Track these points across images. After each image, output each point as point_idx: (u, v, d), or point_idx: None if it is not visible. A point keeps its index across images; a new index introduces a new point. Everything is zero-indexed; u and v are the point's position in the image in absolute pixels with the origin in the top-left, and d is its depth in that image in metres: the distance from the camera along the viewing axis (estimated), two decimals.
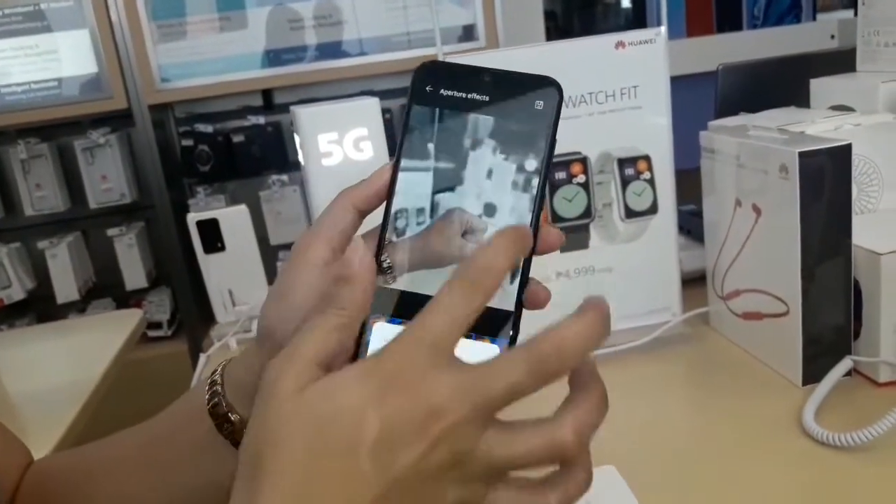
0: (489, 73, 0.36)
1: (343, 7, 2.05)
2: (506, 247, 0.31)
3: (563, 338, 0.30)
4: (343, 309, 0.32)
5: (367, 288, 0.33)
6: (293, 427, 0.30)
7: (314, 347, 0.31)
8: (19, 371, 1.07)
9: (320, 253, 0.37)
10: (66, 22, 1.97)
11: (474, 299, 0.31)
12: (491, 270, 0.31)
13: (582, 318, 0.31)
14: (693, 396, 0.74)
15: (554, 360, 0.30)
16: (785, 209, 0.66)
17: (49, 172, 2.11)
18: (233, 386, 0.41)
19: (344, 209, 0.38)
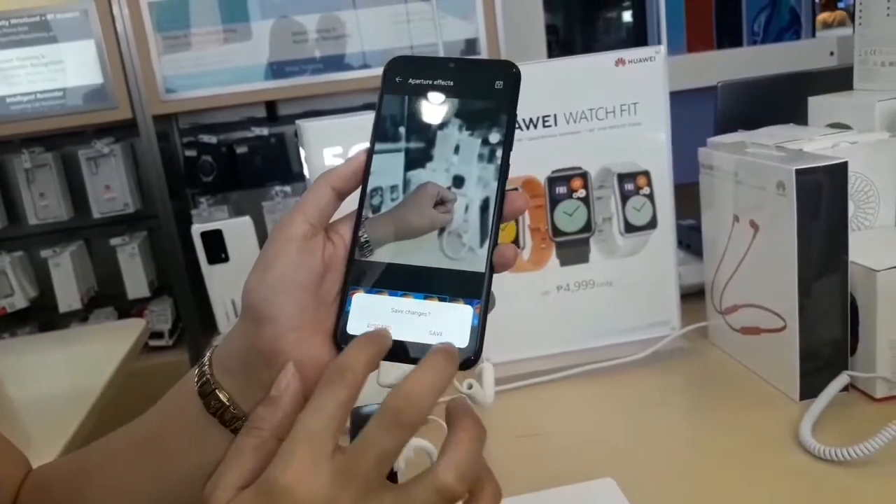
0: (453, 61, 0.40)
1: (347, 20, 2.07)
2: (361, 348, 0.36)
3: (410, 388, 0.34)
4: (261, 429, 0.37)
5: (287, 412, 0.37)
6: None
7: (234, 472, 0.36)
8: (22, 380, 1.07)
9: (300, 228, 0.39)
10: (71, 32, 1.98)
11: (338, 393, 0.35)
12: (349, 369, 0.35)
13: (424, 363, 0.35)
14: (691, 410, 0.74)
15: (408, 410, 0.33)
16: (782, 225, 0.67)
17: (53, 182, 2.12)
18: (219, 364, 0.42)
19: (322, 188, 0.40)
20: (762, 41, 2.79)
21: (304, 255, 0.39)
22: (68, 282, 2.11)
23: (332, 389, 0.35)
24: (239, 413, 0.42)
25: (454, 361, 0.35)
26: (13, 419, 0.95)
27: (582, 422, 0.72)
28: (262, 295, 0.39)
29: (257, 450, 0.36)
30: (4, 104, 2.00)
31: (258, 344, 0.40)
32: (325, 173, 0.41)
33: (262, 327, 0.39)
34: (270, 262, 0.39)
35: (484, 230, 0.38)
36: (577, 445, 0.68)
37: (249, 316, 0.40)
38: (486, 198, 0.38)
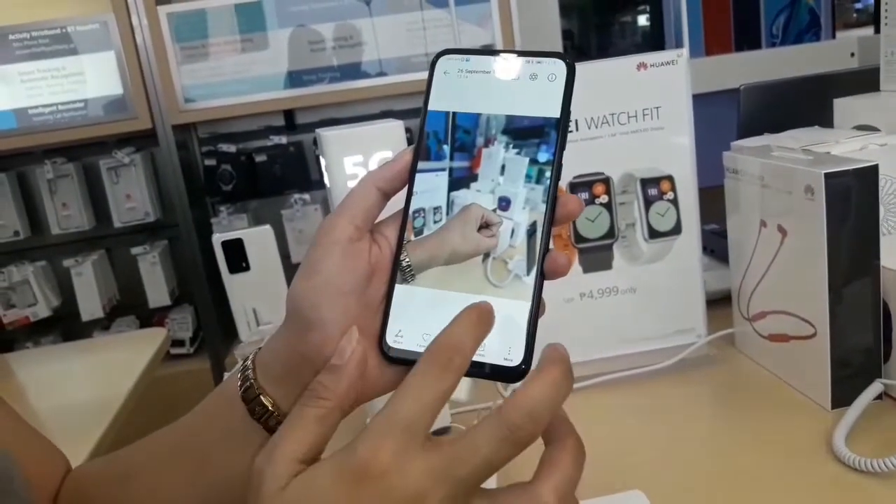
0: (503, 53, 0.38)
1: (363, 29, 2.08)
2: (470, 325, 0.33)
3: (532, 403, 0.31)
4: (325, 399, 0.34)
5: (352, 381, 0.35)
6: None
7: (293, 444, 0.33)
8: (46, 389, 1.08)
9: (345, 231, 0.38)
10: (92, 44, 2.01)
11: (444, 380, 0.32)
12: (459, 351, 0.32)
13: (546, 376, 0.32)
14: (720, 420, 0.73)
15: (527, 427, 0.31)
16: (811, 230, 0.66)
17: (75, 192, 2.14)
18: (263, 369, 0.41)
19: (367, 189, 0.39)
20: (781, 43, 2.76)
21: (349, 258, 0.38)
22: (90, 291, 2.12)
23: (437, 375, 0.32)
24: (282, 419, 0.41)
25: (571, 373, 0.33)
26: (39, 426, 0.95)
27: (607, 432, 0.71)
28: (307, 300, 0.38)
29: (321, 421, 0.34)
30: (27, 116, 2.02)
31: (303, 349, 0.39)
32: (370, 173, 0.40)
33: (308, 332, 0.38)
34: (315, 266, 0.38)
35: (533, 241, 0.36)
36: (603, 456, 0.67)
37: (294, 321, 0.39)
38: (538, 201, 0.36)
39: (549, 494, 0.31)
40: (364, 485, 0.31)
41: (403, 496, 0.30)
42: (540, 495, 0.31)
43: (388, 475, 0.31)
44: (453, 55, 0.39)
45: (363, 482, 0.31)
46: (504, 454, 0.31)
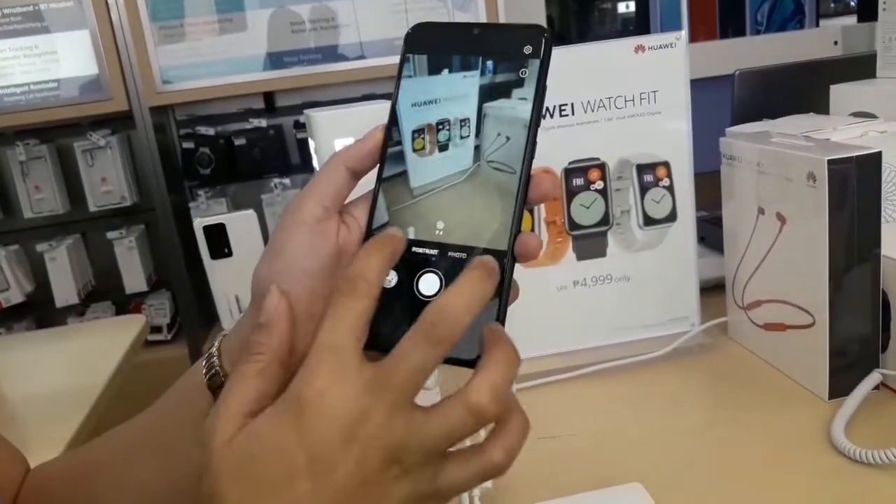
0: (478, 27, 0.37)
1: (343, 10, 2.04)
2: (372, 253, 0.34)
3: (446, 303, 0.31)
4: (259, 354, 0.34)
5: (282, 333, 0.35)
6: (226, 478, 0.31)
7: (237, 400, 0.33)
8: (20, 378, 1.05)
9: (312, 211, 0.37)
10: (65, 23, 1.95)
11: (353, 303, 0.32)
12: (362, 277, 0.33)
13: (461, 278, 0.32)
14: (716, 409, 0.72)
15: (443, 326, 0.31)
16: (812, 218, 0.65)
17: (48, 174, 2.08)
18: (229, 355, 0.40)
19: (336, 169, 0.38)
20: (765, 30, 2.76)
21: (316, 239, 0.37)
22: (65, 276, 2.07)
23: (347, 301, 0.32)
24: None
25: (493, 277, 0.33)
26: (12, 415, 0.92)
27: (601, 422, 0.70)
28: (273, 281, 0.37)
29: (259, 375, 0.34)
30: None
31: None
32: (338, 152, 0.38)
33: None
34: (280, 247, 0.37)
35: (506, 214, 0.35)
36: (597, 447, 0.66)
37: (259, 303, 0.38)
38: (510, 179, 0.35)
39: (482, 393, 0.31)
40: (305, 415, 0.31)
41: (346, 414, 0.30)
42: (472, 394, 0.31)
43: (326, 398, 0.31)
44: (427, 29, 0.37)
45: (304, 412, 0.31)
46: (429, 355, 0.31)
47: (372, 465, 0.31)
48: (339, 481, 0.30)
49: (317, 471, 0.30)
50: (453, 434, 0.31)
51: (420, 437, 0.31)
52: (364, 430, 0.30)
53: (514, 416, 0.33)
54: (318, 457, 0.30)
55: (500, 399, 0.31)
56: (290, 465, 0.30)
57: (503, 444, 0.32)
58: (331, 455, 0.30)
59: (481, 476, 0.32)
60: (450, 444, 0.32)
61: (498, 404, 0.31)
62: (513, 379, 0.32)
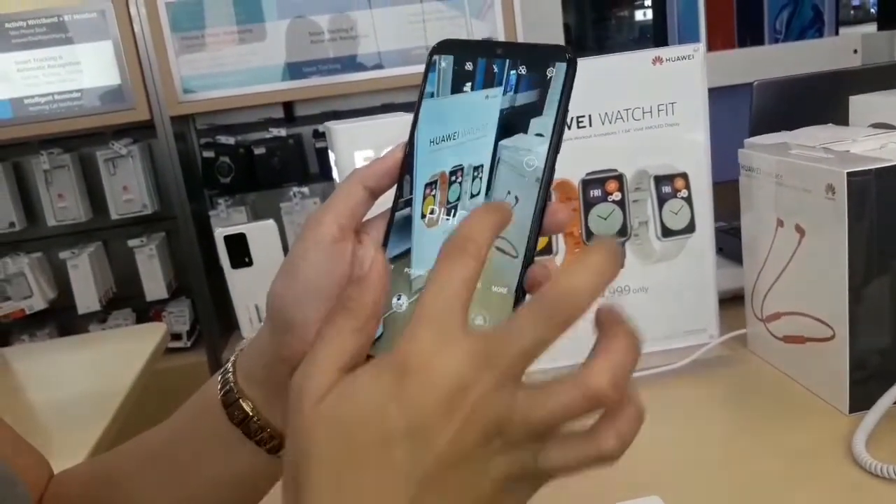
0: (502, 46, 0.36)
1: (362, 20, 2.06)
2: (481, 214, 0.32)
3: (571, 283, 0.29)
4: (356, 310, 0.32)
5: (377, 289, 0.32)
6: (319, 437, 0.30)
7: (330, 355, 0.31)
8: (45, 384, 1.07)
9: (328, 230, 0.37)
10: (89, 33, 1.98)
11: (461, 268, 0.30)
12: (470, 237, 0.31)
13: (587, 256, 0.30)
14: (736, 423, 0.72)
15: (565, 306, 0.29)
16: (831, 230, 0.64)
17: (71, 183, 2.12)
18: (243, 371, 0.41)
19: (354, 187, 0.37)
20: (784, 39, 2.75)
21: (331, 259, 0.37)
22: (87, 283, 2.10)
23: (454, 265, 0.30)
24: (263, 424, 0.40)
25: (619, 261, 0.30)
26: (35, 424, 0.93)
27: None
28: (286, 301, 0.37)
29: (357, 332, 0.32)
30: (22, 105, 1.99)
31: (281, 351, 0.38)
32: (357, 170, 0.38)
33: (287, 336, 0.37)
34: (296, 266, 0.37)
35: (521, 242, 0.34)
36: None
37: (273, 322, 0.38)
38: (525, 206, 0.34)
39: (603, 377, 0.29)
40: (406, 379, 0.29)
41: (450, 383, 0.29)
42: (591, 377, 0.29)
43: (430, 365, 0.29)
44: (449, 48, 0.37)
45: (405, 377, 0.29)
46: (544, 337, 0.29)
47: (472, 438, 0.29)
48: (437, 451, 0.29)
49: (415, 438, 0.29)
50: (562, 416, 0.29)
51: (525, 414, 0.29)
52: (467, 401, 0.29)
53: (631, 403, 0.30)
54: (417, 424, 0.29)
55: (620, 387, 0.29)
56: (388, 429, 0.29)
57: (617, 431, 0.30)
58: (431, 423, 0.29)
59: (588, 462, 0.30)
60: (556, 425, 0.30)
61: (617, 392, 0.29)
62: (634, 366, 0.30)
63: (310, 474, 0.30)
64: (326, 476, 0.29)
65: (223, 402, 0.40)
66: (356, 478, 0.29)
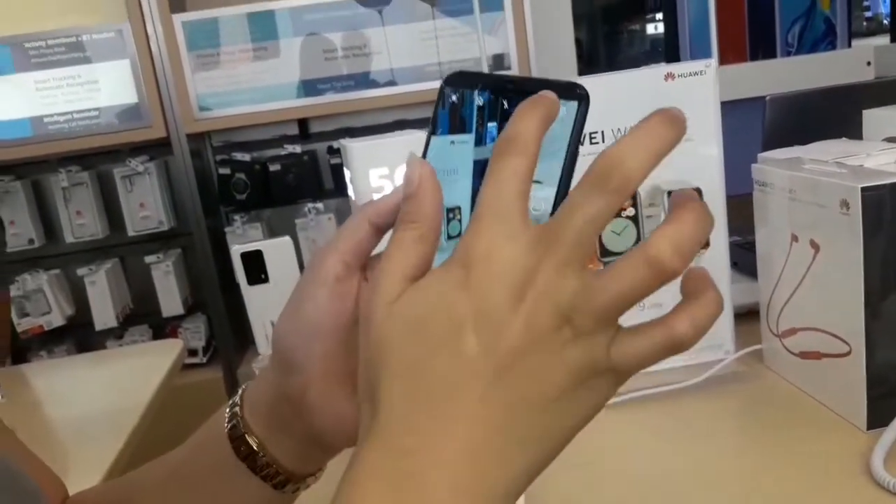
0: (514, 80, 0.36)
1: (375, 38, 2.08)
2: (526, 109, 0.31)
3: (621, 148, 0.29)
4: (416, 222, 0.32)
5: (434, 197, 0.32)
6: (394, 335, 0.30)
7: (398, 263, 0.31)
8: (63, 400, 1.08)
9: (332, 269, 0.37)
10: (107, 53, 2.01)
11: (514, 162, 0.30)
12: (520, 134, 0.30)
13: (639, 126, 0.29)
14: (752, 440, 0.71)
15: (617, 172, 0.28)
16: (846, 245, 0.64)
17: (89, 200, 2.14)
18: (250, 407, 0.41)
19: (360, 224, 0.37)
20: (796, 52, 2.74)
21: (335, 299, 0.37)
22: (104, 300, 2.12)
23: (505, 161, 0.30)
24: (269, 460, 0.40)
25: (674, 124, 0.29)
26: (52, 441, 0.94)
27: (633, 452, 0.70)
28: (290, 342, 0.37)
29: (419, 241, 0.32)
30: (42, 124, 2.02)
31: (286, 390, 0.38)
32: (363, 206, 0.38)
33: (290, 375, 0.38)
34: (299, 305, 0.37)
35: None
36: (628, 478, 0.66)
37: (278, 360, 0.38)
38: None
39: (664, 245, 0.28)
40: (472, 273, 0.29)
41: (514, 272, 0.28)
42: (652, 245, 0.28)
43: (494, 256, 0.29)
44: (460, 81, 0.37)
45: (471, 271, 0.29)
46: (603, 205, 0.28)
47: (541, 326, 0.28)
48: (507, 340, 0.28)
49: (485, 328, 0.28)
50: (629, 292, 0.28)
51: (592, 297, 0.28)
52: (533, 288, 0.28)
53: (707, 289, 0.29)
54: (485, 314, 0.28)
55: (684, 254, 0.28)
56: (458, 320, 0.29)
57: (691, 316, 0.29)
58: (499, 313, 0.28)
59: (662, 350, 0.29)
60: (626, 304, 0.29)
61: (681, 259, 0.28)
62: (702, 238, 0.29)
63: (386, 370, 0.30)
64: (402, 369, 0.29)
65: (230, 435, 0.41)
66: (431, 368, 0.29)
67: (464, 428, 0.29)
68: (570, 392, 0.29)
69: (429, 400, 0.29)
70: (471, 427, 0.29)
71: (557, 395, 0.29)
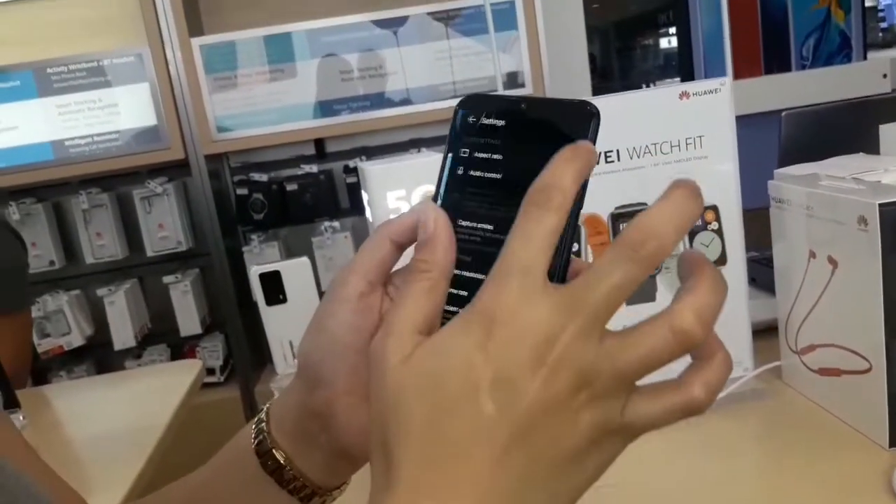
0: (526, 101, 0.36)
1: (391, 58, 2.10)
2: (563, 162, 0.31)
3: (650, 221, 0.29)
4: (428, 272, 0.32)
5: (446, 245, 0.33)
6: (408, 394, 0.30)
7: (409, 316, 0.32)
8: (84, 421, 1.09)
9: (356, 286, 0.37)
10: (126, 76, 2.04)
11: (547, 219, 0.30)
12: (555, 187, 0.30)
13: (666, 196, 0.29)
14: (772, 457, 0.71)
15: (650, 243, 0.29)
16: (864, 261, 0.64)
17: (109, 221, 2.17)
18: (276, 422, 0.41)
19: (381, 242, 0.38)
20: (811, 65, 2.73)
21: (358, 315, 0.37)
22: (123, 320, 2.14)
23: (538, 214, 0.30)
24: (296, 474, 0.41)
25: (698, 199, 0.29)
26: (74, 461, 0.95)
27: (654, 470, 0.69)
28: (315, 358, 0.38)
29: (430, 292, 0.32)
30: (63, 147, 2.06)
31: (312, 405, 0.39)
32: (383, 224, 0.39)
33: (316, 390, 0.38)
34: (324, 323, 0.38)
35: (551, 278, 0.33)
36: (647, 497, 0.65)
37: (303, 376, 0.39)
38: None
39: (688, 314, 0.28)
40: (493, 331, 0.29)
41: (536, 334, 0.28)
42: (676, 314, 0.29)
43: (516, 316, 0.29)
44: (474, 103, 0.38)
45: (492, 328, 0.29)
46: (631, 274, 0.29)
47: (560, 390, 0.29)
48: (525, 404, 0.28)
49: (502, 391, 0.28)
50: (651, 359, 0.29)
51: (613, 360, 0.29)
52: (554, 351, 0.28)
53: (718, 352, 0.30)
54: (504, 377, 0.28)
55: (707, 324, 0.29)
56: (476, 382, 0.29)
57: (704, 379, 0.30)
58: (518, 375, 0.28)
59: (677, 413, 0.30)
60: (646, 370, 0.29)
61: (704, 329, 0.29)
62: (721, 305, 0.30)
63: (400, 429, 0.30)
64: (417, 429, 0.29)
65: (257, 451, 0.41)
66: (446, 430, 0.29)
67: (477, 491, 0.29)
68: (583, 453, 0.30)
69: (443, 461, 0.29)
70: (484, 490, 0.29)
71: (570, 457, 0.30)
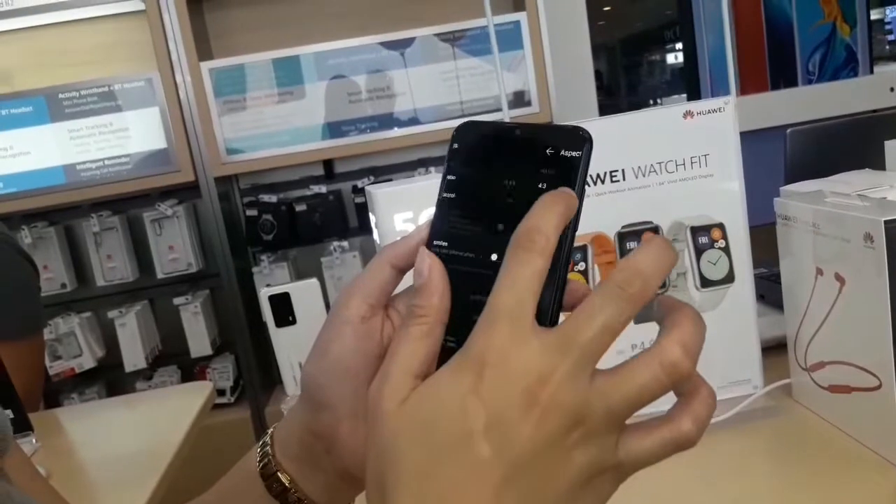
0: (521, 128, 0.37)
1: (398, 79, 2.11)
2: (545, 206, 0.32)
3: (637, 262, 0.30)
4: (423, 316, 0.33)
5: (441, 292, 0.34)
6: (403, 439, 0.30)
7: (405, 361, 0.32)
8: (96, 443, 1.09)
9: (356, 310, 0.38)
10: (137, 101, 2.07)
11: (532, 261, 0.31)
12: (538, 230, 0.31)
13: (645, 244, 0.31)
14: (783, 476, 0.70)
15: (636, 282, 0.30)
16: (871, 278, 0.64)
17: (119, 244, 2.18)
18: (281, 445, 0.42)
19: (381, 266, 0.38)
20: (818, 80, 2.74)
21: (360, 338, 0.38)
22: (134, 341, 2.15)
23: (524, 258, 0.31)
24: (301, 496, 0.41)
25: (673, 249, 0.31)
26: (86, 484, 0.96)
27: (663, 489, 0.69)
28: (318, 381, 0.38)
29: (425, 337, 0.33)
30: (75, 171, 2.08)
31: (315, 428, 0.39)
32: (384, 249, 0.39)
33: (319, 413, 0.39)
34: (326, 346, 0.38)
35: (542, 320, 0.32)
36: None
37: (307, 400, 0.39)
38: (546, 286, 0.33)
39: (675, 348, 0.29)
40: (486, 376, 0.30)
41: (528, 376, 0.29)
42: (664, 348, 0.30)
43: (507, 359, 0.30)
44: (469, 131, 0.38)
45: (483, 372, 0.30)
46: (620, 313, 0.30)
47: (552, 430, 0.29)
48: (518, 446, 0.29)
49: (496, 434, 0.29)
50: (642, 395, 0.30)
51: (606, 399, 0.29)
52: (545, 392, 0.29)
53: (702, 387, 0.31)
54: (497, 420, 0.29)
55: (693, 356, 0.30)
56: (469, 427, 0.29)
57: (693, 414, 0.31)
58: (511, 418, 0.29)
59: (669, 447, 0.31)
60: (637, 406, 0.30)
61: (691, 361, 0.30)
62: (703, 339, 0.31)
63: (395, 473, 0.30)
64: (412, 473, 0.30)
65: (262, 474, 0.41)
66: (441, 473, 0.29)
67: None
68: (577, 492, 0.30)
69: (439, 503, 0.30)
70: None
71: (564, 497, 0.30)
